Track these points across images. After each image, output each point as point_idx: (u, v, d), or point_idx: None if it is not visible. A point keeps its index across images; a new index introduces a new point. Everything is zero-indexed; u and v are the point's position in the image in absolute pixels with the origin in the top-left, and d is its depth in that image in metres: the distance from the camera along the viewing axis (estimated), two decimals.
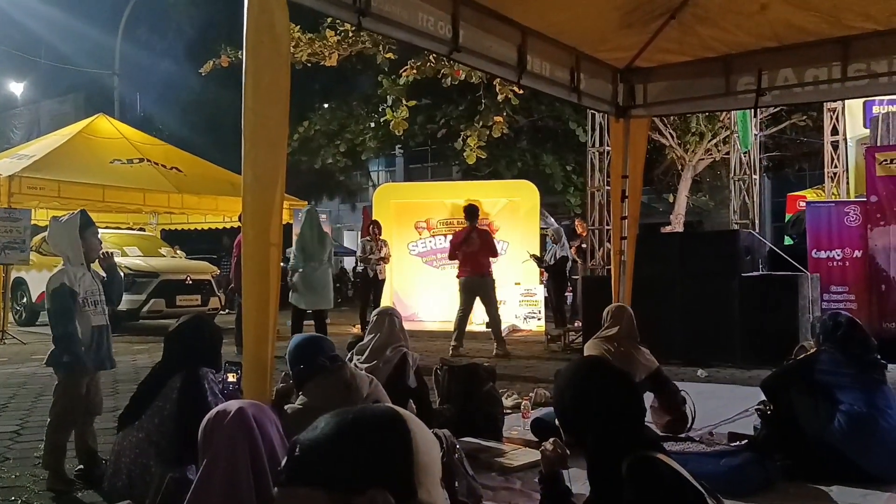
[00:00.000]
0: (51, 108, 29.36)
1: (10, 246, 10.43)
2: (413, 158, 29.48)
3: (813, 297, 8.31)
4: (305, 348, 3.51)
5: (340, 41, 11.14)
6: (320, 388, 3.31)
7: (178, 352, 3.51)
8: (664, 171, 18.73)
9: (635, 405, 2.39)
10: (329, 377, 3.35)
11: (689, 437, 4.46)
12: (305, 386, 3.39)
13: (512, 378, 7.30)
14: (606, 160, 11.31)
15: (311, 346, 3.52)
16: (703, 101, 6.69)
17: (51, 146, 12.72)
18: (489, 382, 5.00)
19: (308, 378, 3.39)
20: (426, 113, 17.47)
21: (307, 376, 3.40)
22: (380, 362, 4.39)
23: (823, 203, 10.17)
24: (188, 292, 12.20)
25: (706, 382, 7.04)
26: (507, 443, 4.58)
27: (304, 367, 3.39)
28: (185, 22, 25.27)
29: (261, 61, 3.17)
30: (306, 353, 3.45)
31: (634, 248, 6.80)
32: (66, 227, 4.26)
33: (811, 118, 15.28)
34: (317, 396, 3.28)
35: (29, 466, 4.27)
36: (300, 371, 3.41)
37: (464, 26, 4.66)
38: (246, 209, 3.15)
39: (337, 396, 3.14)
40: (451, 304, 13.07)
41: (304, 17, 8.96)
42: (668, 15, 5.63)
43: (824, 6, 5.17)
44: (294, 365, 3.46)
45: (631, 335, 4.95)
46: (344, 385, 3.31)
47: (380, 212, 13.24)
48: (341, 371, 3.40)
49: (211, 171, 14.39)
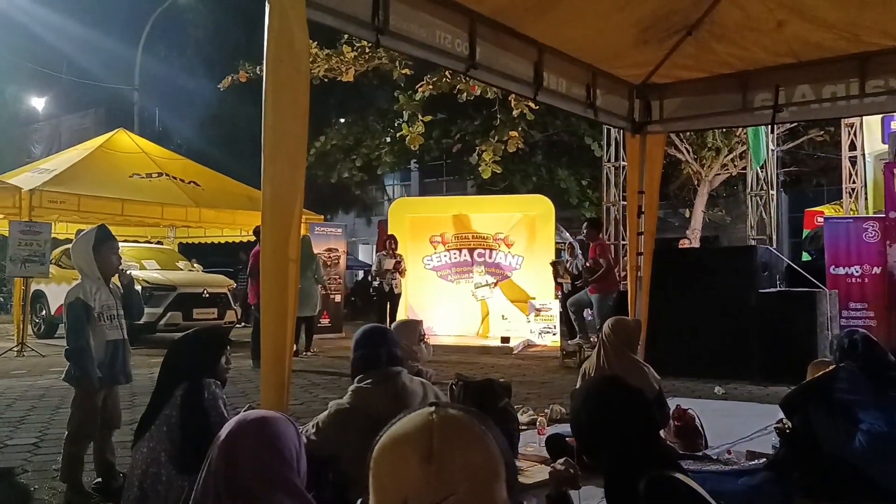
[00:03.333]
0: (71, 123, 29.79)
1: (30, 259, 10.55)
2: (428, 173, 29.54)
3: (831, 313, 8.23)
4: (371, 336, 3.44)
5: (357, 57, 11.24)
6: (368, 392, 3.28)
7: (177, 362, 3.52)
8: (680, 186, 18.67)
9: (650, 423, 2.38)
10: (381, 383, 3.30)
11: (707, 456, 4.43)
12: (358, 379, 3.36)
13: (527, 394, 7.27)
14: (622, 175, 11.32)
15: (376, 336, 3.47)
16: (719, 118, 6.68)
17: (71, 160, 12.88)
18: (504, 398, 4.97)
19: (363, 369, 3.37)
20: (442, 128, 17.54)
21: (363, 366, 3.38)
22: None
23: (842, 219, 10.10)
24: (205, 305, 12.28)
25: (723, 399, 6.99)
26: (523, 460, 4.56)
27: (362, 353, 3.38)
28: (204, 38, 25.58)
29: (280, 79, 3.21)
30: (370, 341, 3.41)
31: (651, 264, 6.78)
32: (82, 243, 4.31)
33: (829, 133, 15.21)
34: (363, 399, 3.25)
35: (47, 479, 4.30)
36: (357, 357, 3.39)
37: (480, 43, 4.70)
38: (265, 225, 3.18)
39: (383, 405, 3.11)
40: (465, 317, 13.12)
41: (321, 33, 9.03)
42: (684, 32, 5.64)
43: (841, 23, 5.17)
44: (355, 349, 3.44)
45: (633, 349, 4.93)
46: (393, 396, 3.28)
47: (395, 226, 13.28)
48: (394, 379, 3.36)
49: (229, 185, 14.52)
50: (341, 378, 8.31)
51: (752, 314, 8.20)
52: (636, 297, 6.74)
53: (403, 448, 1.04)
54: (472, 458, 1.03)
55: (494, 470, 1.04)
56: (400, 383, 3.33)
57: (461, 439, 1.04)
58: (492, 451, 1.06)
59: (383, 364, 3.35)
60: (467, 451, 1.03)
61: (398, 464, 1.03)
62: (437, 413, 1.08)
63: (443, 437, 1.02)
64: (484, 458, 1.04)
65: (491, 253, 13.08)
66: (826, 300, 8.21)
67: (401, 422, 1.09)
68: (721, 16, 5.46)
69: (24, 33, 25.71)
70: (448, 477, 0.99)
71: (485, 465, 1.04)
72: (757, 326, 8.13)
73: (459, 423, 1.07)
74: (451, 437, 1.03)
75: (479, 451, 1.04)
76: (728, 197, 20.49)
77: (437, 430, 1.03)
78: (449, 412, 1.09)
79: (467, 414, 1.11)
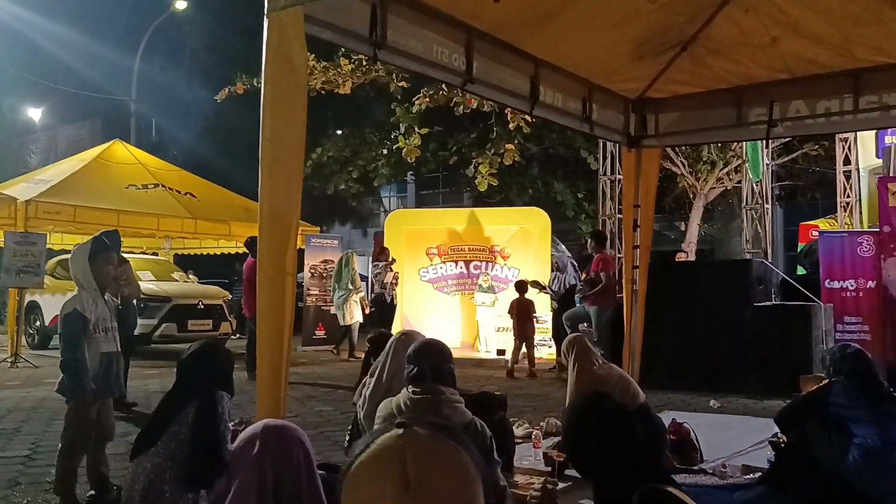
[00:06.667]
0: (68, 134, 29.79)
1: (25, 270, 10.52)
2: (425, 185, 29.57)
3: (826, 327, 8.25)
4: (427, 349, 3.45)
5: (354, 69, 11.30)
6: (410, 406, 3.29)
7: (192, 377, 3.51)
8: (675, 200, 18.73)
9: (636, 438, 2.40)
10: (420, 402, 3.30)
11: (703, 470, 4.43)
12: (402, 388, 3.37)
13: (522, 406, 7.26)
14: (618, 188, 11.36)
15: (429, 351, 3.47)
16: (714, 132, 6.73)
17: (67, 171, 12.87)
18: (500, 411, 4.97)
19: (409, 381, 3.38)
20: (438, 140, 17.60)
21: (408, 378, 3.40)
22: (392, 386, 4.38)
23: (836, 233, 10.13)
24: (200, 317, 12.23)
25: (718, 413, 6.99)
26: (519, 473, 4.55)
27: (413, 367, 3.37)
28: (201, 49, 25.63)
29: (279, 93, 3.23)
30: (420, 355, 3.40)
31: (647, 278, 6.80)
32: (78, 254, 4.31)
33: (823, 148, 15.27)
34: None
35: (41, 492, 4.28)
36: (409, 371, 3.41)
37: (477, 58, 4.73)
38: (262, 239, 3.19)
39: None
40: (461, 329, 13.11)
41: (318, 46, 9.07)
42: (679, 47, 5.69)
43: (836, 39, 5.22)
44: (409, 359, 3.45)
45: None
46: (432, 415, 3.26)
47: (391, 238, 13.28)
48: (436, 398, 3.35)
49: (225, 196, 14.52)
50: (336, 390, 8.29)
51: (747, 328, 8.22)
52: (632, 311, 6.75)
53: (378, 477, 1.00)
54: (448, 483, 1.00)
55: (472, 492, 1.02)
56: (444, 408, 3.28)
57: (435, 463, 1.01)
58: (467, 470, 1.02)
59: (424, 385, 3.35)
60: (444, 475, 1.00)
61: (374, 494, 0.99)
62: (406, 436, 1.04)
63: (417, 464, 0.99)
64: (460, 481, 1.01)
65: (487, 265, 13.09)
66: (821, 314, 8.23)
67: (371, 449, 1.04)
68: (716, 32, 5.52)
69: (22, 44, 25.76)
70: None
71: (461, 489, 1.01)
72: (752, 340, 8.14)
73: (431, 444, 1.04)
74: (426, 462, 1.00)
75: (454, 475, 1.01)
76: (723, 210, 20.55)
77: (411, 456, 1.00)
78: (418, 433, 1.04)
79: (436, 431, 1.07)
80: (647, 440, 2.46)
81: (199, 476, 2.93)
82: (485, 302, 12.50)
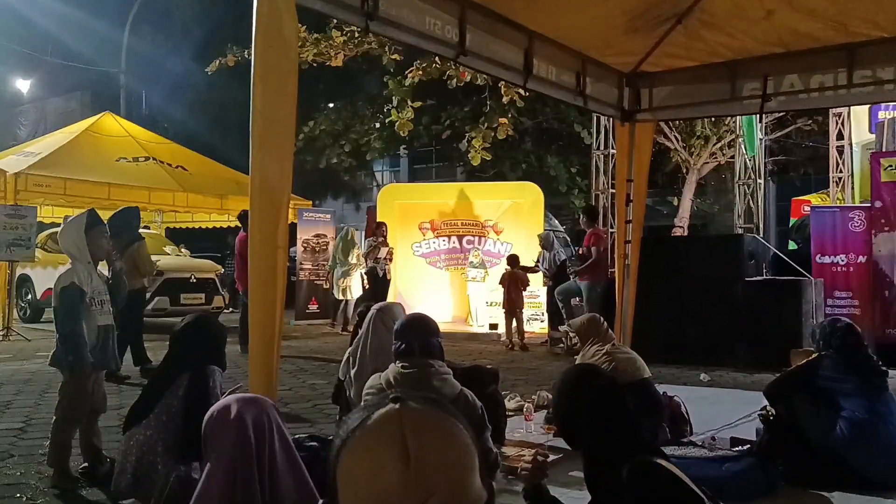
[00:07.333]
0: (57, 106, 29.46)
1: (15, 243, 10.46)
2: (418, 159, 29.46)
3: (817, 302, 8.31)
4: (414, 324, 3.49)
5: (346, 42, 11.18)
6: (399, 381, 3.30)
7: (184, 350, 3.53)
8: (668, 175, 18.72)
9: (626, 412, 2.41)
10: (410, 376, 3.31)
11: (692, 442, 4.47)
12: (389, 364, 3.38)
13: (515, 380, 7.31)
14: (611, 162, 11.33)
15: (415, 326, 3.50)
16: (708, 106, 6.70)
17: (57, 144, 12.75)
18: (492, 385, 5.01)
19: (397, 357, 3.40)
20: (431, 114, 17.49)
21: (396, 353, 3.42)
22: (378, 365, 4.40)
23: (828, 208, 10.16)
24: (192, 291, 12.22)
25: (709, 387, 7.05)
26: (510, 446, 4.59)
27: (400, 342, 3.41)
28: (192, 20, 25.27)
29: (269, 65, 3.20)
30: (407, 331, 3.43)
31: (639, 252, 6.81)
32: (73, 227, 4.30)
33: (816, 122, 15.27)
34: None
35: (34, 463, 4.30)
36: (397, 346, 3.43)
37: (471, 30, 4.68)
38: (253, 212, 3.17)
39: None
40: (455, 304, 13.13)
41: (310, 18, 8.98)
42: (674, 20, 5.64)
43: (830, 13, 5.19)
44: (396, 335, 3.48)
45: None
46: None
47: (384, 212, 13.25)
48: (425, 371, 3.37)
49: (216, 169, 14.42)
50: (329, 364, 8.32)
51: (738, 302, 8.27)
52: (623, 286, 6.77)
53: (377, 452, 0.99)
54: (448, 456, 1.00)
55: (470, 463, 1.02)
56: (434, 380, 3.32)
57: (434, 436, 1.00)
58: (464, 441, 1.02)
59: (412, 361, 3.36)
60: (443, 448, 1.00)
61: (373, 469, 0.98)
62: (402, 409, 1.03)
63: (417, 437, 0.98)
64: (459, 453, 1.01)
65: (480, 240, 13.09)
66: (812, 288, 8.29)
67: (368, 423, 1.02)
68: (710, 4, 5.47)
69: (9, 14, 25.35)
70: (426, 479, 0.97)
71: (460, 460, 1.01)
72: (743, 314, 8.20)
73: (427, 417, 1.03)
74: (424, 436, 0.99)
75: (453, 447, 1.01)
76: (717, 185, 20.57)
77: (409, 430, 0.99)
78: (413, 406, 1.03)
79: (430, 404, 1.06)
80: (643, 413, 2.48)
81: (190, 448, 2.95)
82: (475, 277, 12.51)
